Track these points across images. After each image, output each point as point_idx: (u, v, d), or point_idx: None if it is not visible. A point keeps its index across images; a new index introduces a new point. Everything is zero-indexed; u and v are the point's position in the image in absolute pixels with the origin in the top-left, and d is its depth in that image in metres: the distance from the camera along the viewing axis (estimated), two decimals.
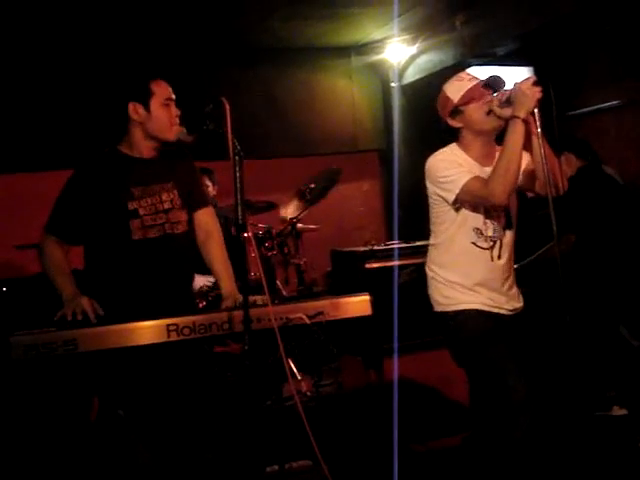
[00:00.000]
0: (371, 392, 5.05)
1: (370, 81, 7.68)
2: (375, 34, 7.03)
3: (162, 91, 3.07)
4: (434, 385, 4.80)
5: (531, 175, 3.01)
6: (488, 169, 2.98)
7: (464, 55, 6.34)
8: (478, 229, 3.00)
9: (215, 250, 3.32)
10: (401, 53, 7.24)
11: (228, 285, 3.20)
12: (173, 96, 3.11)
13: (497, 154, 2.99)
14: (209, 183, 5.46)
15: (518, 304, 3.14)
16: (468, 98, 2.98)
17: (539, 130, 2.81)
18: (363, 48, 7.45)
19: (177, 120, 3.10)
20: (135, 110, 3.06)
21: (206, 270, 4.74)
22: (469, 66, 6.10)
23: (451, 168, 2.95)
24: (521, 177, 2.98)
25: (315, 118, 7.38)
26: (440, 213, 3.07)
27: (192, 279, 3.35)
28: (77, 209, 3.04)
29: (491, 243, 3.01)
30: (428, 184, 3.07)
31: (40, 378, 2.74)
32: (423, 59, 7.07)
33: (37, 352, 2.56)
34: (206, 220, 3.34)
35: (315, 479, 3.61)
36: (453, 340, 3.09)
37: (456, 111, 3.02)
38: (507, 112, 2.87)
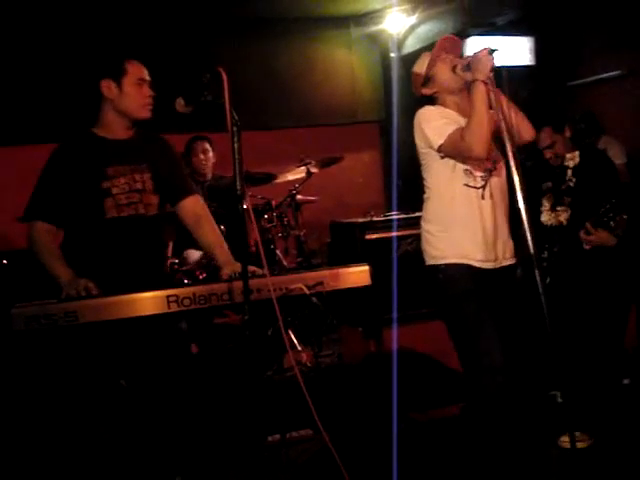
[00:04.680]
0: (371, 362, 5.08)
1: (369, 52, 7.65)
2: (374, 4, 6.99)
3: (135, 71, 3.10)
4: (433, 355, 4.83)
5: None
6: None
7: (464, 25, 6.30)
8: (467, 169, 3.14)
9: (207, 226, 3.31)
10: (401, 23, 7.20)
11: (223, 253, 3.20)
12: (147, 77, 3.14)
13: None
14: (209, 148, 5.46)
15: (509, 259, 3.26)
16: (432, 63, 3.24)
17: (495, 89, 3.01)
18: (362, 18, 7.40)
19: (150, 100, 3.13)
20: (107, 87, 3.10)
21: None
22: (469, 36, 6.07)
23: (438, 119, 3.16)
24: None
25: (314, 89, 7.35)
26: (430, 163, 3.21)
27: (164, 260, 3.34)
28: (57, 191, 3.07)
29: (482, 182, 3.16)
30: (417, 138, 3.23)
31: (41, 350, 2.76)
32: (423, 29, 7.02)
33: (38, 324, 2.57)
34: (194, 207, 3.33)
35: (316, 448, 3.65)
36: (439, 294, 3.22)
37: (427, 79, 3.28)
38: (468, 75, 3.11)
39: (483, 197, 3.15)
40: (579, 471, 2.96)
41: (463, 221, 3.15)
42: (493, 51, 3.03)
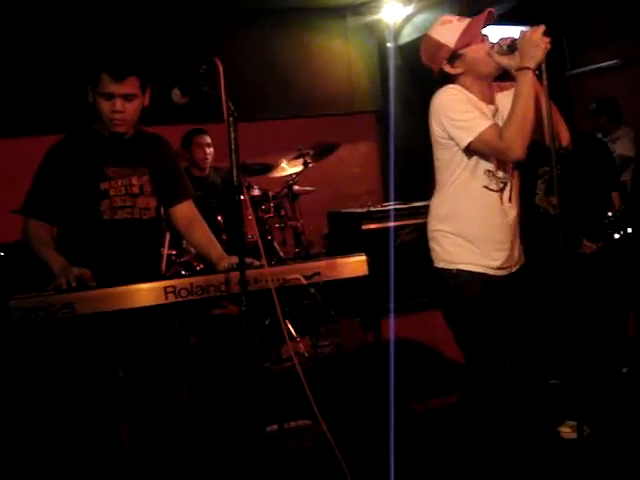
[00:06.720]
0: (369, 352, 5.09)
1: (366, 41, 7.64)
2: None
3: (105, 83, 2.96)
4: (431, 345, 4.83)
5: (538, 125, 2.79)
6: (493, 107, 2.87)
7: (461, 14, 6.27)
8: (490, 171, 2.82)
9: (198, 228, 3.29)
10: (397, 13, 7.18)
11: (217, 250, 3.18)
12: (120, 92, 2.97)
13: (497, 94, 2.90)
14: (211, 142, 5.46)
15: (520, 261, 3.00)
16: (467, 39, 2.79)
17: (545, 83, 2.65)
18: (359, 8, 7.39)
19: (115, 116, 3.00)
20: (89, 92, 3.03)
21: None
22: None
23: (467, 111, 2.74)
24: None
25: (311, 79, 7.34)
26: (449, 157, 2.85)
27: (158, 263, 3.31)
28: (53, 189, 3.03)
29: (501, 185, 2.84)
30: (436, 125, 2.82)
31: (39, 341, 2.76)
32: (419, 18, 7.01)
33: (36, 315, 2.56)
34: (188, 211, 3.31)
35: (314, 438, 3.66)
36: (448, 300, 2.97)
37: (455, 56, 2.83)
38: (505, 60, 2.75)
39: (502, 201, 2.86)
40: (576, 460, 2.97)
41: (481, 226, 2.85)
42: (547, 32, 2.59)
